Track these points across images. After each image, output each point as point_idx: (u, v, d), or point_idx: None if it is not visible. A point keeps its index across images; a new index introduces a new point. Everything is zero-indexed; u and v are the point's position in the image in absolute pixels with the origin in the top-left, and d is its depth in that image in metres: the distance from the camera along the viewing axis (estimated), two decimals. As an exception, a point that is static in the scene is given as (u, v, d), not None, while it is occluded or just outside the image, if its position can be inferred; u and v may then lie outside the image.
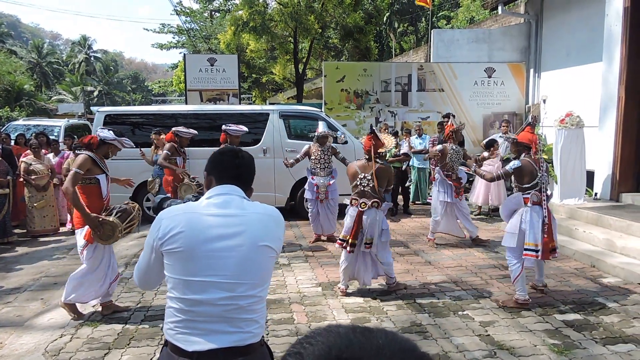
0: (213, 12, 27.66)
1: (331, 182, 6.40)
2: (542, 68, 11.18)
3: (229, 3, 30.74)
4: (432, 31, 12.14)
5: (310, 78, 21.18)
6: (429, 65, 11.32)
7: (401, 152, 7.69)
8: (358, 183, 4.56)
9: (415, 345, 0.58)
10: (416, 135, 8.83)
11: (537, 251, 4.22)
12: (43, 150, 7.62)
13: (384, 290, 4.75)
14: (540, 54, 11.25)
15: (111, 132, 4.16)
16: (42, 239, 7.12)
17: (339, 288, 4.65)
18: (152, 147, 7.11)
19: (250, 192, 1.91)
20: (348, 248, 4.52)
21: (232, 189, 1.80)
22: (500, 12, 11.48)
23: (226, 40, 15.96)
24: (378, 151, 4.52)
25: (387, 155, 8.05)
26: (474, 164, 5.33)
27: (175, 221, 1.71)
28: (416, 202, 9.21)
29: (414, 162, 8.90)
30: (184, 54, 15.74)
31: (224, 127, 6.01)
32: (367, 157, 4.58)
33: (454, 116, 6.81)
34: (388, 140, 4.73)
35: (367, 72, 11.03)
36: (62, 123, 11.98)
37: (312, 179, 6.41)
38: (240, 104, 12.12)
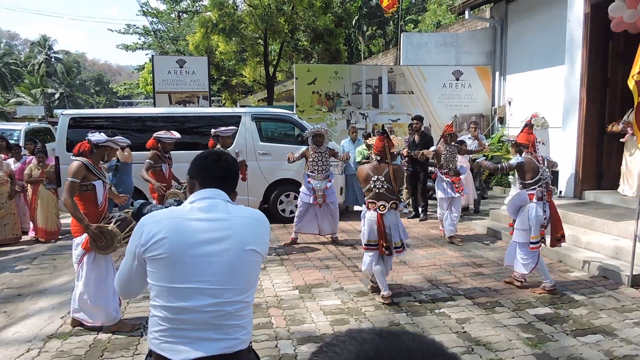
0: (180, 13, 27.21)
1: (328, 186, 6.28)
2: (507, 71, 11.51)
3: (197, 4, 30.37)
4: (401, 35, 12.33)
5: (281, 80, 21.10)
6: (399, 68, 11.48)
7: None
8: (372, 186, 4.42)
9: (443, 345, 0.57)
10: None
11: (538, 243, 4.55)
12: (2, 155, 7.29)
13: (360, 290, 4.76)
14: (505, 57, 11.59)
15: (102, 134, 3.94)
16: (2, 249, 6.81)
17: (382, 296, 4.38)
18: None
19: (235, 196, 1.89)
20: (386, 252, 4.40)
21: (217, 192, 1.77)
22: (467, 16, 11.76)
23: (195, 42, 15.73)
24: (391, 151, 4.45)
25: (360, 158, 8.15)
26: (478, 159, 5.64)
27: (159, 226, 1.66)
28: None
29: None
30: (152, 55, 15.42)
31: (213, 130, 5.90)
32: (378, 158, 4.47)
33: (455, 116, 7.06)
34: (398, 141, 4.74)
35: (339, 75, 11.09)
36: (22, 127, 11.49)
37: (309, 182, 6.25)
38: (210, 106, 11.97)
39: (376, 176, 4.42)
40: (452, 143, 6.61)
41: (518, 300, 4.45)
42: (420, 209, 8.12)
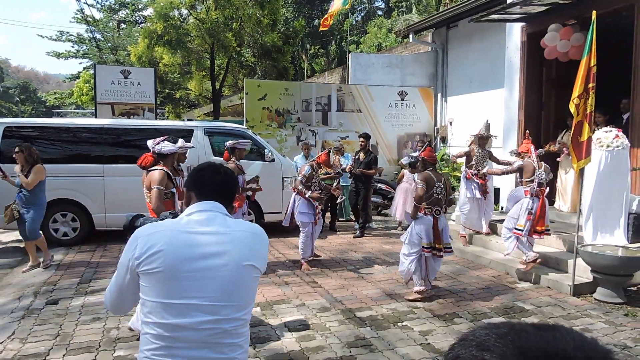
0: (120, 23, 26.26)
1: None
2: (448, 93, 12.14)
3: (137, 14, 29.48)
4: (349, 54, 12.66)
5: (227, 95, 20.83)
6: (347, 87, 11.75)
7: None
8: (435, 192, 4.88)
9: (597, 341, 0.58)
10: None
11: (522, 230, 5.42)
12: None
13: (322, 306, 4.76)
14: (446, 80, 12.23)
15: (166, 142, 4.06)
16: None
17: (417, 292, 4.88)
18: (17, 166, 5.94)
19: (232, 210, 1.84)
20: (438, 253, 4.89)
21: (215, 205, 1.72)
22: (411, 40, 12.32)
23: (137, 53, 15.19)
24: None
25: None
26: (484, 170, 6.63)
27: (154, 239, 1.59)
28: (340, 219, 9.40)
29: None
30: (95, 64, 14.69)
31: (229, 143, 5.80)
32: (431, 168, 4.98)
33: (488, 123, 7.54)
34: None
35: (289, 92, 11.16)
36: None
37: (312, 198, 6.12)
38: (156, 118, 11.59)
39: (439, 183, 4.91)
40: (485, 147, 7.00)
41: (474, 311, 4.63)
42: (358, 225, 8.25)
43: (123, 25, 28.96)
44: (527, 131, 6.64)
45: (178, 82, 18.41)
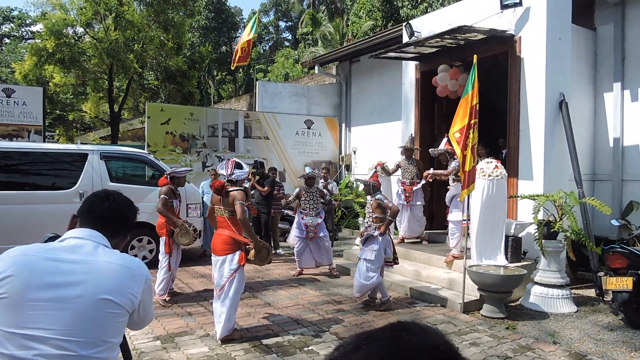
0: (3, 37, 23.99)
1: (319, 222, 7.06)
2: (352, 123, 12.75)
3: (23, 29, 27.24)
4: (257, 82, 12.82)
5: (127, 118, 19.76)
6: (254, 114, 11.83)
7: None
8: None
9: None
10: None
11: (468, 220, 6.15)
12: None
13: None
14: (349, 110, 12.84)
15: (238, 170, 4.65)
16: None
17: (387, 300, 5.58)
18: None
19: (121, 242, 1.76)
20: (393, 263, 5.72)
21: (90, 233, 1.63)
22: (317, 71, 12.81)
23: (24, 71, 13.91)
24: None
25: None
26: (431, 171, 7.15)
27: (8, 263, 1.50)
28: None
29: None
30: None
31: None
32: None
33: (412, 135, 8.06)
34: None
35: (194, 117, 10.94)
36: None
37: (302, 218, 7.06)
38: (44, 141, 10.63)
39: None
40: (411, 157, 7.76)
41: (377, 332, 4.80)
42: None
43: (7, 40, 26.52)
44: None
45: (71, 103, 17.12)
